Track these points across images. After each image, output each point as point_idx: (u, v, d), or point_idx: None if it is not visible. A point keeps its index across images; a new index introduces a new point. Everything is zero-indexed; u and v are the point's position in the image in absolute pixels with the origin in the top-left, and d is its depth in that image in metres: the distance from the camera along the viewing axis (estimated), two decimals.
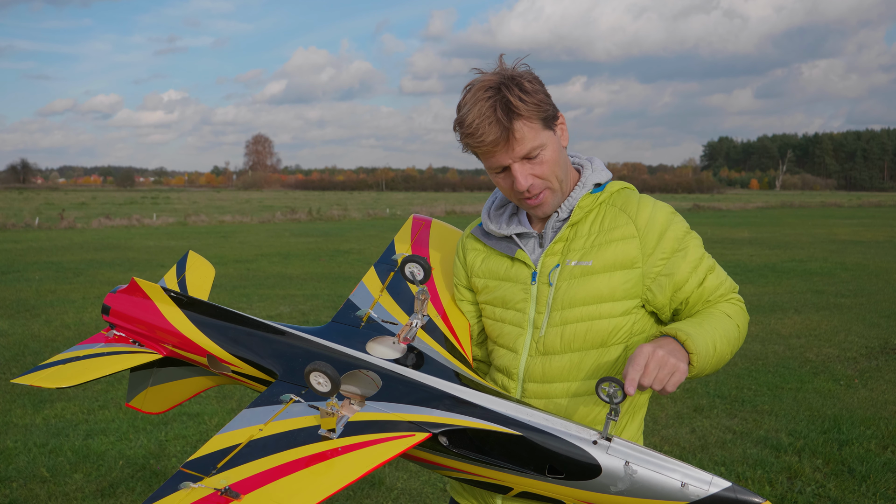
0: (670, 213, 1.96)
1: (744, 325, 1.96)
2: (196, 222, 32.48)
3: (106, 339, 2.43)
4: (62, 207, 39.64)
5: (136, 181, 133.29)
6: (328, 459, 1.65)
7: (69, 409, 6.35)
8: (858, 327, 9.68)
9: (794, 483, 4.87)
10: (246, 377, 2.20)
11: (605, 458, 1.64)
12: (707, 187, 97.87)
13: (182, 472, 1.64)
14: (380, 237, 24.37)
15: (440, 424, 1.74)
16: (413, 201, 55.27)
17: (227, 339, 2.20)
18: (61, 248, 20.01)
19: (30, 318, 10.22)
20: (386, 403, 1.82)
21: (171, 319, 2.29)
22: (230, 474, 1.62)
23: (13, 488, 4.79)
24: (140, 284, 2.37)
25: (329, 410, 1.70)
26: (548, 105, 1.88)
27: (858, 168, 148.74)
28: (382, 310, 2.17)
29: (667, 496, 1.60)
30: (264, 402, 1.87)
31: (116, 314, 2.41)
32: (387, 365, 1.95)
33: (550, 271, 1.94)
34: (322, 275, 14.92)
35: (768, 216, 40.31)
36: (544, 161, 1.88)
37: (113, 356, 2.33)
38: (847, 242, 22.57)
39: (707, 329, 1.82)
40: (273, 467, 1.62)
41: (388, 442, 1.69)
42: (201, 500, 1.55)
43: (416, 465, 5.09)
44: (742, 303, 2.00)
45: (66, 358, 2.36)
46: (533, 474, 1.72)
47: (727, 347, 1.86)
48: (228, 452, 1.69)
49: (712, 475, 1.61)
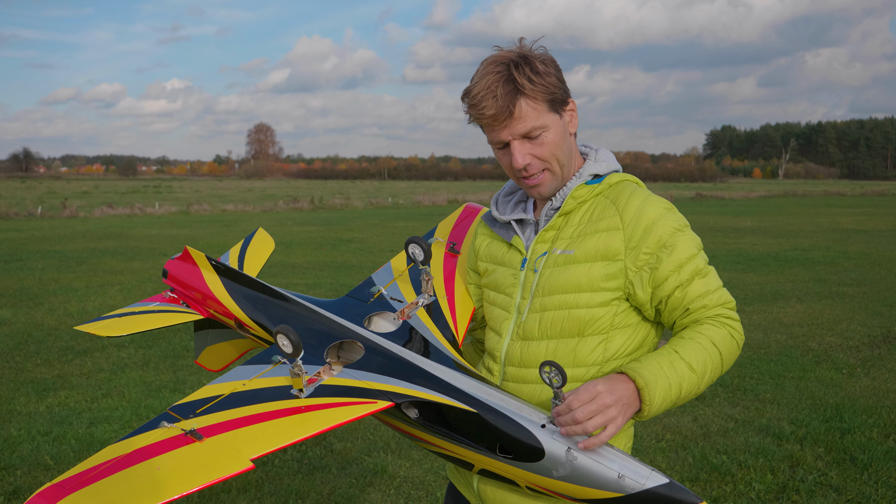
0: (663, 209, 1.89)
1: (730, 352, 1.85)
2: (198, 211, 32.48)
3: (163, 299, 2.75)
4: (65, 196, 39.67)
5: (138, 170, 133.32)
6: (291, 416, 1.76)
7: (72, 398, 6.37)
8: (861, 316, 9.68)
9: (795, 471, 4.87)
10: (262, 340, 2.39)
11: (549, 443, 1.67)
12: (710, 176, 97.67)
13: (167, 414, 1.79)
14: (382, 226, 24.37)
15: (404, 395, 1.81)
16: (415, 190, 55.22)
17: (249, 305, 2.40)
18: (64, 237, 20.03)
19: (33, 306, 10.24)
20: (362, 372, 1.92)
21: (210, 285, 2.54)
22: (203, 419, 1.75)
23: (17, 476, 4.81)
24: (190, 252, 2.65)
25: (296, 371, 1.81)
26: (557, 89, 1.88)
27: (862, 157, 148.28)
28: (396, 289, 2.27)
29: (603, 486, 1.62)
30: (257, 360, 2.00)
31: (172, 278, 2.72)
32: (374, 338, 2.05)
33: (537, 258, 1.95)
34: (324, 263, 14.93)
35: (771, 205, 40.24)
36: (545, 143, 1.89)
37: (161, 314, 2.62)
38: (850, 231, 22.53)
39: (676, 371, 1.74)
40: (240, 417, 1.76)
41: (351, 406, 1.79)
42: (170, 438, 1.68)
43: (419, 454, 5.11)
44: (735, 322, 1.86)
45: (125, 312, 2.68)
46: (487, 451, 1.77)
47: (697, 386, 1.78)
48: (210, 401, 1.83)
49: (653, 470, 1.61)
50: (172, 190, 55.54)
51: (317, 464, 5.02)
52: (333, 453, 5.18)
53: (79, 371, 7.15)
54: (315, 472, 4.89)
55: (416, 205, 38.16)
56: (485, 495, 1.98)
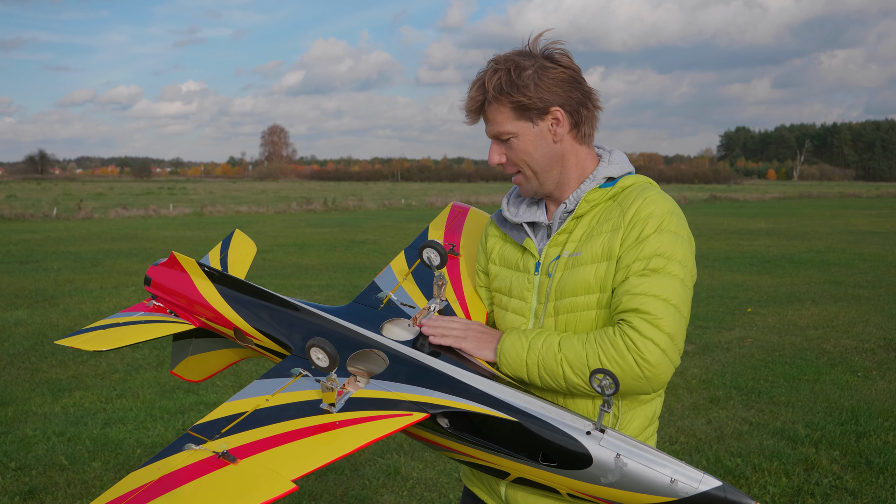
0: (661, 211, 1.85)
1: (595, 358, 1.76)
2: (212, 213, 32.60)
3: (146, 308, 2.58)
4: (80, 198, 39.88)
5: (152, 172, 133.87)
6: (326, 432, 1.70)
7: (87, 398, 6.41)
8: (876, 318, 9.61)
9: (810, 475, 4.84)
10: (267, 350, 2.29)
11: (597, 449, 1.65)
12: (724, 178, 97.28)
13: (188, 435, 1.72)
14: (395, 227, 24.38)
15: (440, 406, 1.77)
16: (428, 192, 55.24)
17: (251, 314, 2.30)
18: (79, 239, 20.15)
19: (48, 307, 10.30)
20: (390, 383, 1.86)
21: (203, 293, 2.41)
22: (231, 440, 1.67)
23: (33, 476, 4.84)
24: (178, 258, 2.50)
25: (329, 385, 1.74)
26: (534, 98, 1.87)
27: (877, 158, 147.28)
28: (404, 293, 2.22)
29: (656, 491, 1.60)
30: (275, 374, 1.94)
31: (156, 286, 2.57)
32: (396, 346, 1.99)
33: (551, 262, 1.95)
34: (338, 265, 14.96)
35: (786, 207, 40.02)
36: (513, 148, 1.95)
37: (149, 325, 2.47)
38: (865, 233, 22.38)
39: (541, 356, 1.84)
40: (272, 436, 1.68)
41: (386, 419, 1.73)
42: (200, 461, 1.60)
43: (432, 455, 5.11)
44: (635, 333, 1.73)
45: (107, 324, 2.51)
46: (527, 460, 1.74)
47: (554, 374, 1.83)
48: (234, 419, 1.76)
49: (703, 473, 1.60)
50: (186, 191, 55.79)
51: (329, 466, 5.02)
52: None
53: (93, 372, 7.19)
54: (328, 474, 4.90)
55: (429, 206, 38.16)
56: (514, 502, 1.96)
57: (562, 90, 1.90)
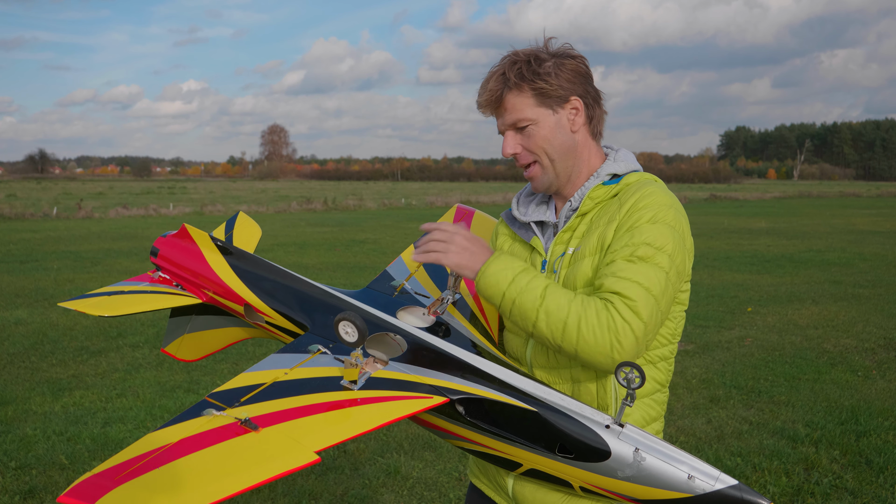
0: (658, 203, 1.85)
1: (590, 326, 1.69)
2: (212, 212, 32.59)
3: (151, 279, 2.55)
4: (80, 197, 39.88)
5: (153, 171, 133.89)
6: (346, 408, 1.69)
7: (87, 398, 6.41)
8: (877, 318, 9.61)
9: (811, 474, 4.84)
10: (279, 329, 2.27)
11: (616, 443, 1.66)
12: (724, 177, 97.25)
13: (206, 401, 1.71)
14: (395, 227, 24.39)
15: (459, 392, 1.77)
16: (428, 191, 55.24)
17: (264, 291, 2.28)
18: (79, 238, 20.15)
19: (48, 306, 10.30)
20: (409, 366, 1.87)
21: (214, 267, 2.39)
22: (252, 408, 1.68)
23: (33, 475, 4.84)
24: (189, 231, 2.49)
25: (353, 361, 1.76)
26: (555, 86, 1.91)
27: (877, 158, 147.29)
28: (417, 283, 2.24)
29: (672, 487, 1.61)
30: (293, 349, 1.94)
31: (163, 257, 2.54)
32: (414, 331, 2.00)
33: (556, 259, 1.96)
34: (338, 264, 14.96)
35: (786, 206, 40.01)
36: (532, 135, 1.94)
37: (155, 295, 2.43)
38: (865, 233, 22.38)
39: (520, 294, 1.76)
40: (293, 407, 1.68)
41: (407, 400, 1.73)
42: (221, 427, 1.60)
43: (432, 455, 5.10)
44: (616, 313, 1.69)
45: (111, 291, 2.48)
46: (543, 451, 1.74)
47: (525, 317, 1.77)
48: (253, 389, 1.75)
49: (720, 471, 1.61)
50: (186, 191, 55.76)
51: (330, 464, 5.03)
52: (346, 454, 5.19)
53: (93, 371, 7.19)
54: (328, 473, 4.90)
55: (429, 206, 38.14)
56: (522, 497, 1.96)
57: (580, 82, 1.95)
